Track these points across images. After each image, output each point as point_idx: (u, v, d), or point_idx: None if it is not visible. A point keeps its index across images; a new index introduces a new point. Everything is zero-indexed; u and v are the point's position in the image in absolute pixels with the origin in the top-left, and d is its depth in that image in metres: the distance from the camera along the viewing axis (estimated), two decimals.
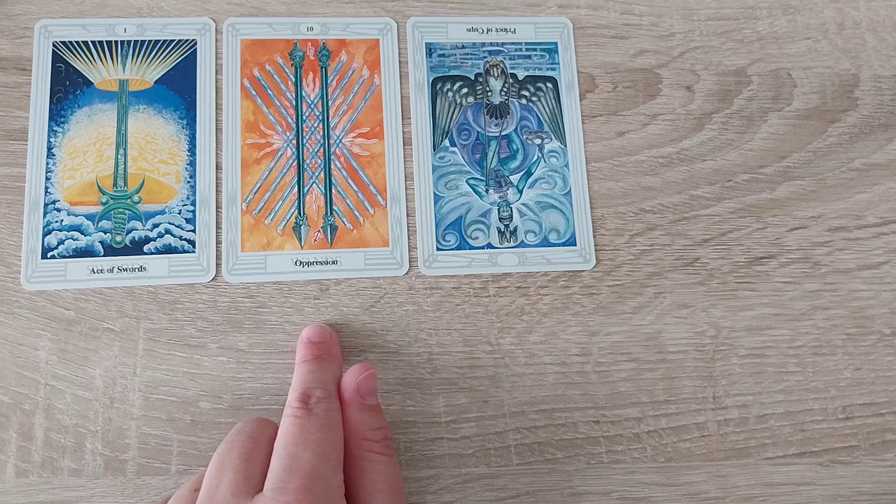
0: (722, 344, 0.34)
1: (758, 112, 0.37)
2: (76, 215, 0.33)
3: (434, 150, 0.35)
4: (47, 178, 0.33)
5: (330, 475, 0.25)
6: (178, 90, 0.35)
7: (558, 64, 0.37)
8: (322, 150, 0.35)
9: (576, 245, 0.34)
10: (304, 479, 0.24)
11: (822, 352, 0.34)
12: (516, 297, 0.34)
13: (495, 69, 0.37)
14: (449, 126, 0.36)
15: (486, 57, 0.37)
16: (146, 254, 0.33)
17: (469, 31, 0.37)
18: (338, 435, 0.27)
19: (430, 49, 0.37)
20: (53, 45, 0.35)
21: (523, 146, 0.36)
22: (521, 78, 0.37)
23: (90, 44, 0.35)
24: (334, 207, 0.34)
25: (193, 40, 0.36)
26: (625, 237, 0.35)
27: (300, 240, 0.34)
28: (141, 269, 0.33)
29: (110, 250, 0.33)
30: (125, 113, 0.34)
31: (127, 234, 0.33)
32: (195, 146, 0.34)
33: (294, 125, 0.35)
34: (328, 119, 0.35)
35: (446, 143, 0.35)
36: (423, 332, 0.33)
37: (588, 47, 0.37)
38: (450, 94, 0.36)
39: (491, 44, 0.37)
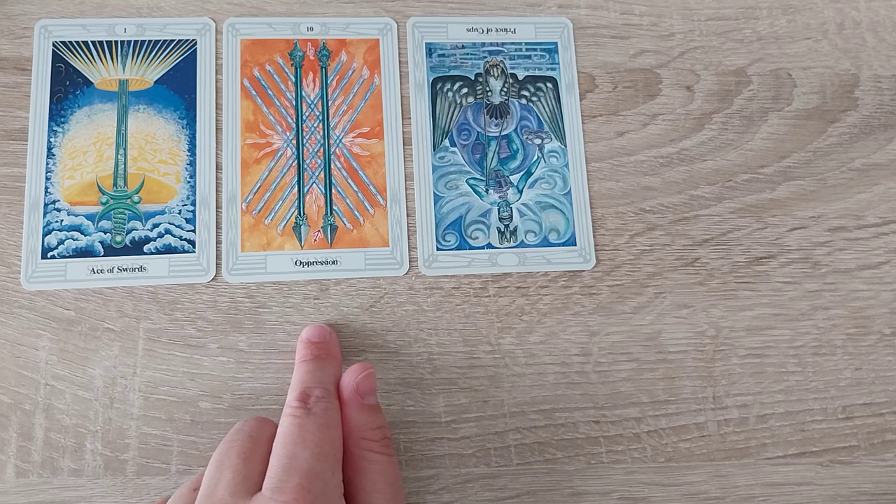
0: (722, 344, 0.34)
1: (758, 112, 0.37)
2: (76, 215, 0.33)
3: (434, 150, 0.35)
4: (47, 178, 0.33)
5: (328, 475, 0.25)
6: (178, 90, 0.35)
7: (558, 64, 0.37)
8: (322, 150, 0.35)
9: (576, 245, 0.34)
10: (302, 478, 0.24)
11: (822, 352, 0.34)
12: (516, 297, 0.34)
13: (495, 69, 0.37)
14: (449, 126, 0.36)
15: (486, 57, 0.37)
16: (146, 254, 0.33)
17: (469, 31, 0.37)
18: (336, 434, 0.27)
19: (430, 49, 0.37)
20: (53, 45, 0.35)
21: (523, 146, 0.36)
22: (521, 78, 0.37)
23: (90, 44, 0.35)
24: (334, 207, 0.34)
25: (193, 40, 0.36)
26: (625, 237, 0.35)
27: (300, 240, 0.34)
28: (141, 269, 0.33)
29: (110, 250, 0.33)
30: (125, 113, 0.34)
31: (127, 234, 0.33)
32: (195, 146, 0.34)
33: (294, 125, 0.35)
34: (328, 119, 0.35)
35: (446, 143, 0.35)
36: (423, 332, 0.33)
37: (588, 47, 0.37)
38: (450, 94, 0.36)
39: (491, 44, 0.37)
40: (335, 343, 0.31)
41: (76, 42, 0.35)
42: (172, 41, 0.35)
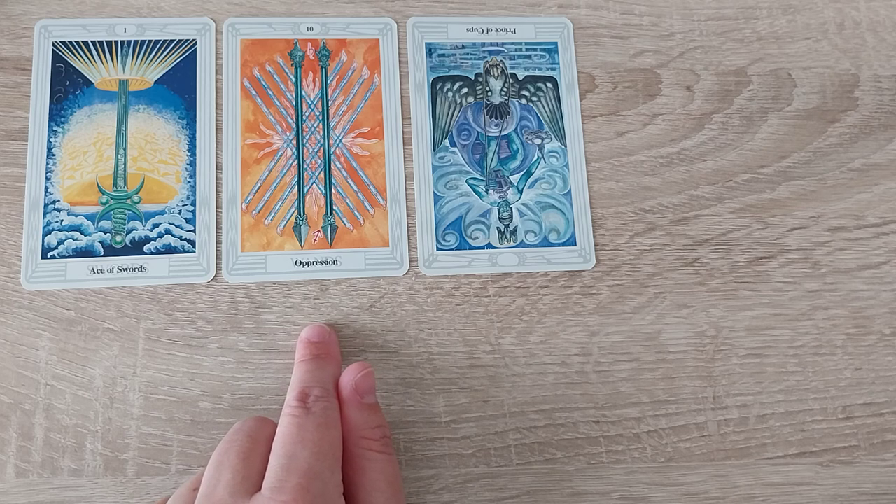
0: (722, 344, 0.34)
1: (758, 112, 0.37)
2: (76, 215, 0.33)
3: (434, 150, 0.35)
4: (47, 178, 0.33)
5: (328, 474, 0.25)
6: (178, 90, 0.35)
7: (558, 64, 0.37)
8: (322, 150, 0.35)
9: (576, 245, 0.34)
10: (301, 478, 0.24)
11: (822, 352, 0.34)
12: (516, 297, 0.34)
13: (495, 69, 0.37)
14: (449, 126, 0.36)
15: (486, 57, 0.37)
16: (146, 254, 0.33)
17: (469, 31, 0.37)
18: (336, 434, 0.27)
19: (430, 49, 0.37)
20: (53, 45, 0.35)
21: (523, 146, 0.36)
22: (521, 78, 0.37)
23: (90, 44, 0.35)
24: (334, 207, 0.34)
25: (193, 40, 0.36)
26: (625, 237, 0.35)
27: (300, 240, 0.34)
28: (141, 269, 0.33)
29: (110, 250, 0.33)
30: (125, 113, 0.34)
31: (127, 234, 0.33)
32: (195, 146, 0.34)
33: (294, 125, 0.35)
34: (328, 119, 0.35)
35: (446, 143, 0.35)
36: (423, 332, 0.33)
37: (588, 47, 0.37)
38: (450, 94, 0.36)
39: (491, 44, 0.37)
40: (335, 343, 0.31)
41: (76, 42, 0.35)
42: (172, 41, 0.35)
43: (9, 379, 0.31)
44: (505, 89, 0.36)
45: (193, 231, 0.33)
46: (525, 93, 0.36)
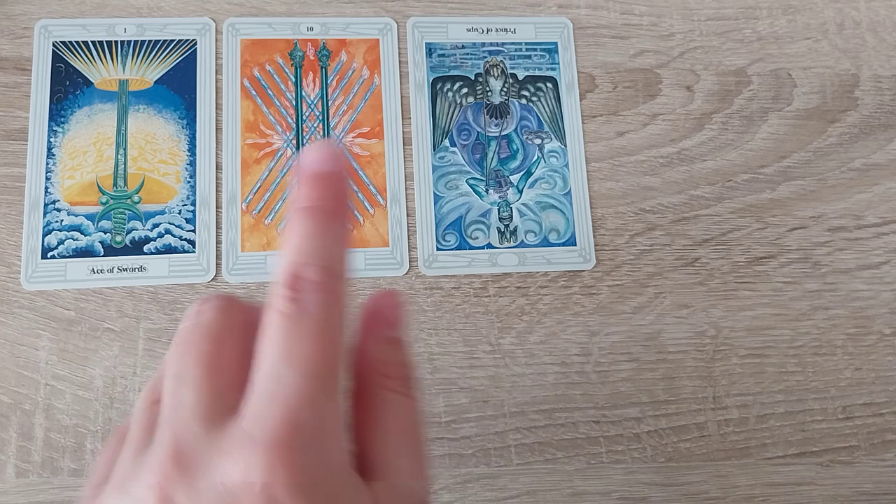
0: (722, 344, 0.34)
1: (758, 112, 0.37)
2: (76, 215, 0.33)
3: (434, 150, 0.35)
4: (47, 178, 0.33)
5: (323, 400, 0.18)
6: (178, 90, 0.35)
7: (558, 64, 0.37)
8: None
9: (576, 245, 0.34)
10: (287, 409, 0.17)
11: (822, 352, 0.34)
12: (516, 297, 0.34)
13: (495, 69, 0.37)
14: (449, 126, 0.36)
15: (486, 57, 0.37)
16: (146, 254, 0.33)
17: (469, 31, 0.37)
18: (338, 340, 0.19)
19: (430, 49, 0.37)
20: (53, 45, 0.35)
21: (523, 146, 0.36)
22: (521, 78, 0.37)
23: (90, 44, 0.35)
24: None
25: (193, 40, 0.36)
26: (625, 237, 0.35)
27: None
28: (141, 269, 0.33)
29: (110, 250, 0.33)
30: (125, 113, 0.34)
31: (127, 234, 0.33)
32: (195, 146, 0.34)
33: (294, 125, 0.35)
34: (328, 119, 0.35)
35: (446, 143, 0.35)
36: (423, 332, 0.33)
37: (588, 47, 0.37)
38: (450, 94, 0.36)
39: (491, 44, 0.37)
40: (344, 180, 0.21)
41: (76, 42, 0.35)
42: (172, 41, 0.35)
43: (9, 379, 0.31)
44: (505, 89, 0.36)
45: (193, 231, 0.33)
46: (525, 93, 0.36)
